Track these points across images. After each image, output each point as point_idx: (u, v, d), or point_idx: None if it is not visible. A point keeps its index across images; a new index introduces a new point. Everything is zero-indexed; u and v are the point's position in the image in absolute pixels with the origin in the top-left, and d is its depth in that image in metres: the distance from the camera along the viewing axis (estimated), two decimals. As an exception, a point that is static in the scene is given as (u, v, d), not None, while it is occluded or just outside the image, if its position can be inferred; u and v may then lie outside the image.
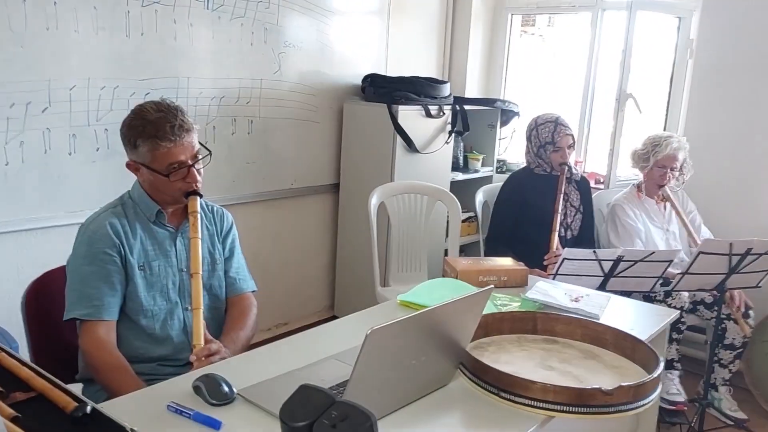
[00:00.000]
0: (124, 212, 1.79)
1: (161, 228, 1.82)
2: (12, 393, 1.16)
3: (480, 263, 2.28)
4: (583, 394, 1.34)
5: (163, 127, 1.69)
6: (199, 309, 1.71)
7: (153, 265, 1.79)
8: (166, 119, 1.70)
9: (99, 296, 1.69)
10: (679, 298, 2.82)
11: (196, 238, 1.77)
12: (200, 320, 1.70)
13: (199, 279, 1.75)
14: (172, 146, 1.70)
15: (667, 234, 3.18)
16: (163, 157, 1.71)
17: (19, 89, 2.39)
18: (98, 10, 2.56)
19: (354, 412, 0.98)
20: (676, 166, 3.12)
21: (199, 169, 1.79)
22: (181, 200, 1.80)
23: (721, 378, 2.99)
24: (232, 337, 1.82)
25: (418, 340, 1.30)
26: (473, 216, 3.67)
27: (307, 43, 3.42)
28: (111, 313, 1.71)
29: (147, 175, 1.76)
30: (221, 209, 1.99)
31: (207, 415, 1.29)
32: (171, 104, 1.75)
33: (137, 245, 1.77)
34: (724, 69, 3.39)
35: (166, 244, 1.81)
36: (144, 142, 1.70)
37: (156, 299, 1.78)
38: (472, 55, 4.27)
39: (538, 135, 3.09)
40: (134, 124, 1.72)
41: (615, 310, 2.02)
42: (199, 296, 1.73)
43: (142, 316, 1.77)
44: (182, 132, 1.71)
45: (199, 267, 1.76)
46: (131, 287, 1.75)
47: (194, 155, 1.77)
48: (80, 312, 1.68)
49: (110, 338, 1.71)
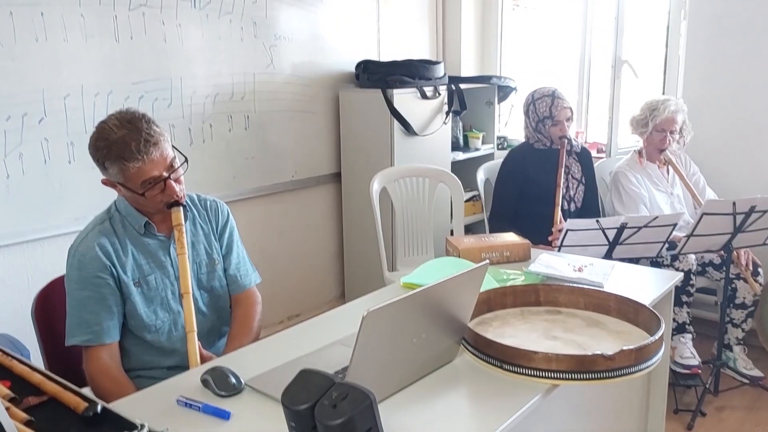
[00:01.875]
0: (112, 228, 1.74)
1: (152, 239, 1.78)
2: (25, 398, 1.19)
3: (482, 240, 2.28)
4: (585, 360, 1.35)
5: (128, 147, 1.61)
6: (192, 332, 1.67)
7: (149, 280, 1.75)
8: (131, 137, 1.61)
9: (97, 321, 1.67)
10: (686, 261, 2.82)
11: (183, 253, 1.72)
12: (195, 343, 1.67)
13: (190, 299, 1.71)
14: (141, 164, 1.62)
15: (671, 198, 3.17)
16: (135, 177, 1.64)
17: (14, 102, 2.42)
18: (86, 18, 2.57)
19: (353, 392, 1.00)
20: (676, 129, 3.11)
21: (178, 177, 1.72)
22: (166, 210, 1.74)
23: (735, 338, 2.99)
24: (236, 346, 1.78)
25: (416, 318, 1.31)
26: (477, 195, 3.67)
27: (297, 34, 3.42)
28: (112, 336, 1.70)
29: (124, 191, 1.71)
30: (215, 201, 1.93)
31: (216, 406, 1.32)
32: (135, 115, 1.67)
33: (129, 262, 1.73)
34: (719, 28, 3.36)
35: (159, 254, 1.78)
36: (112, 164, 1.63)
37: (157, 313, 1.76)
38: (465, 33, 4.25)
39: (535, 110, 3.08)
40: (99, 146, 1.64)
41: (619, 277, 2.02)
42: (191, 318, 1.69)
43: (146, 331, 1.75)
44: (149, 147, 1.62)
45: (189, 286, 1.71)
46: (129, 306, 1.73)
47: (168, 166, 1.69)
48: (81, 339, 1.67)
49: (114, 361, 1.70)
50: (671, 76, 3.66)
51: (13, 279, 2.52)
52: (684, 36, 3.54)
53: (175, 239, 1.74)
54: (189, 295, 1.71)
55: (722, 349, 2.87)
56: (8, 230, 2.46)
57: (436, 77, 3.67)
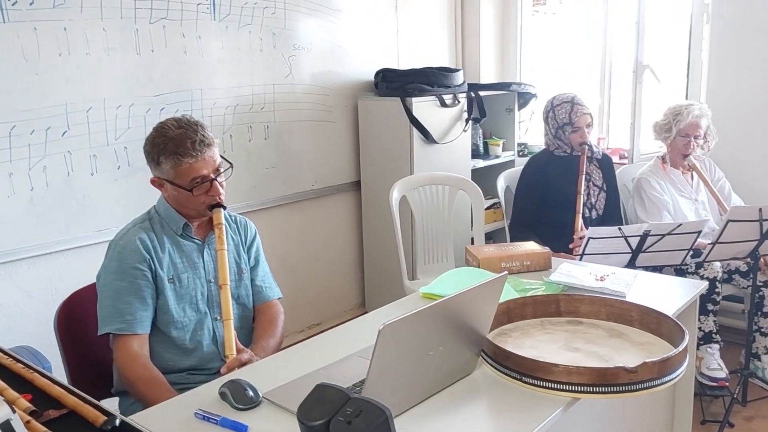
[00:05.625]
0: (152, 227, 1.83)
1: (188, 240, 1.86)
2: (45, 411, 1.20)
3: (502, 249, 2.26)
4: (607, 373, 1.33)
5: (184, 143, 1.73)
6: (229, 320, 1.75)
7: (182, 278, 1.82)
8: (187, 135, 1.74)
9: (131, 311, 1.73)
10: (711, 268, 2.76)
11: (223, 249, 1.81)
12: (231, 330, 1.73)
13: (227, 290, 1.79)
14: (194, 161, 1.74)
15: (695, 204, 3.11)
16: (186, 173, 1.75)
17: (38, 116, 2.46)
18: (107, 32, 2.61)
19: (369, 408, 0.99)
20: (700, 134, 3.06)
21: (222, 182, 1.83)
22: (206, 213, 1.84)
23: (763, 346, 2.92)
24: (263, 346, 1.84)
25: (434, 331, 1.30)
26: (497, 202, 3.64)
27: (316, 43, 3.44)
28: (144, 327, 1.75)
29: (171, 190, 1.80)
30: (244, 219, 2.02)
31: (234, 420, 1.32)
32: (191, 120, 1.80)
33: (166, 259, 1.81)
34: (742, 30, 3.30)
35: (194, 256, 1.85)
36: (167, 159, 1.74)
37: (186, 311, 1.82)
38: (485, 40, 4.23)
39: (555, 116, 3.06)
40: (156, 142, 1.76)
41: (642, 287, 1.98)
42: (228, 307, 1.77)
43: (173, 327, 1.80)
44: (203, 147, 1.75)
45: (227, 278, 1.79)
46: (162, 300, 1.79)
47: (216, 169, 1.80)
48: (113, 327, 1.73)
49: (143, 351, 1.75)
50: (694, 81, 3.61)
51: (38, 290, 2.55)
52: (707, 39, 3.49)
53: (216, 236, 1.83)
54: (227, 287, 1.79)
55: (750, 359, 2.80)
56: (32, 242, 2.50)
57: (455, 85, 3.66)
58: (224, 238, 1.82)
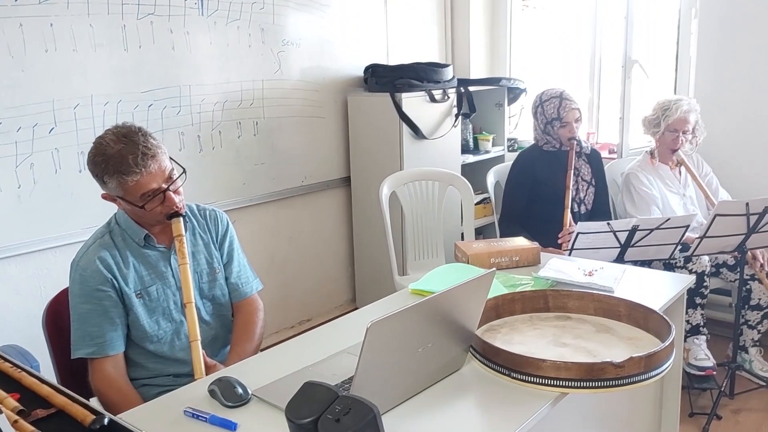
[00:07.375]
0: (112, 241, 1.75)
1: (153, 250, 1.79)
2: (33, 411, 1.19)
3: (491, 245, 2.27)
4: (594, 368, 1.33)
5: (125, 160, 1.61)
6: (196, 341, 1.69)
7: (150, 291, 1.76)
8: (128, 150, 1.62)
9: (101, 333, 1.69)
10: (700, 262, 2.78)
11: (185, 264, 1.73)
12: (199, 351, 1.68)
13: (192, 308, 1.72)
14: (140, 178, 1.63)
15: (684, 199, 3.13)
16: (134, 190, 1.65)
17: (25, 112, 2.44)
18: (94, 28, 2.59)
19: (357, 405, 0.99)
20: (688, 129, 3.07)
21: (177, 189, 1.73)
22: (166, 222, 1.75)
23: (751, 339, 2.95)
24: (239, 352, 1.80)
25: (422, 328, 1.30)
26: (487, 197, 3.65)
27: (305, 39, 3.43)
28: (115, 347, 1.71)
29: (124, 205, 1.72)
30: (215, 211, 1.94)
31: (223, 417, 1.31)
32: (131, 129, 1.67)
33: (131, 274, 1.74)
34: (730, 26, 3.32)
35: (160, 266, 1.78)
36: (110, 178, 1.64)
37: (160, 323, 1.78)
38: (474, 35, 4.23)
39: (543, 111, 3.06)
40: (97, 161, 1.65)
41: (630, 281, 2.00)
42: (194, 327, 1.70)
43: (149, 342, 1.77)
44: (147, 160, 1.63)
45: (191, 296, 1.73)
46: (132, 317, 1.74)
47: (167, 178, 1.70)
48: (85, 351, 1.69)
49: (119, 372, 1.72)
50: (682, 76, 3.63)
51: (26, 288, 2.54)
52: (695, 35, 3.50)
53: (176, 250, 1.75)
54: (192, 305, 1.72)
55: (738, 351, 2.83)
56: (20, 240, 2.48)
57: (444, 80, 3.66)
58: (185, 251, 1.74)
